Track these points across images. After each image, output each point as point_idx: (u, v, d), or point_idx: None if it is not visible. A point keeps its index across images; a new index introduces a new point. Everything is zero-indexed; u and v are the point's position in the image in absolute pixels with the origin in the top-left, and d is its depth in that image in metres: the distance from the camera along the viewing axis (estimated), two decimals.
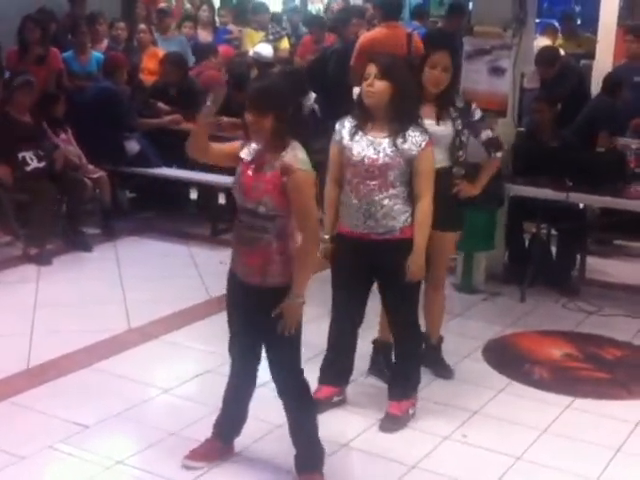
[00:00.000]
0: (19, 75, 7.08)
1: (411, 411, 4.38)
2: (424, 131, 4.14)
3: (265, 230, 3.53)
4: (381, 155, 4.08)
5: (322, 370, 4.52)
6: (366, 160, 4.10)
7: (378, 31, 7.81)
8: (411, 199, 4.14)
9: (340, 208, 4.25)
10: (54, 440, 4.06)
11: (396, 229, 4.13)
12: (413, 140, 4.07)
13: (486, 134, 4.71)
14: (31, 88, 6.93)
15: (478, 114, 4.69)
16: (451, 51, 4.66)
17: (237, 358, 3.83)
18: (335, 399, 4.48)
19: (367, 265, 4.23)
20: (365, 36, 7.81)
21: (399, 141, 4.07)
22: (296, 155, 3.50)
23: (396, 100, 4.05)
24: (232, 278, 3.75)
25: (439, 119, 4.50)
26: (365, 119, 4.17)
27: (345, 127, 4.21)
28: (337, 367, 4.51)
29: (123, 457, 3.97)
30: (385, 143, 4.09)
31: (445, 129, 4.52)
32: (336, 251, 4.26)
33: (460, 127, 4.56)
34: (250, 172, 3.59)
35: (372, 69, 4.09)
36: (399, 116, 4.08)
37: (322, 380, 4.48)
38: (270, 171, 3.52)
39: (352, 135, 4.16)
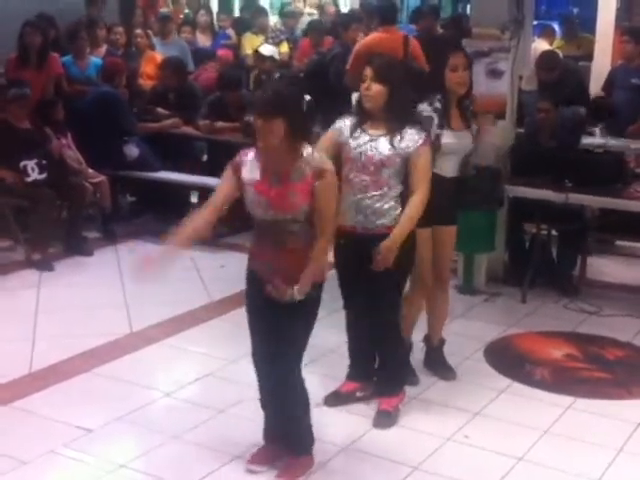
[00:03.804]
0: (15, 84, 7.08)
1: (400, 406, 4.42)
2: (421, 130, 4.18)
3: (294, 232, 3.56)
4: (378, 152, 4.12)
5: (348, 366, 4.62)
6: (363, 156, 4.15)
7: (375, 36, 7.86)
8: (403, 199, 4.17)
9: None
10: (57, 444, 4.07)
11: (385, 225, 4.15)
12: (410, 138, 4.11)
13: None
14: (26, 100, 6.93)
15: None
16: (464, 49, 4.81)
17: (261, 362, 3.79)
18: (358, 394, 4.53)
19: (357, 258, 4.23)
20: (361, 42, 7.87)
21: (396, 139, 4.11)
22: (322, 157, 3.57)
23: (392, 102, 4.11)
24: (255, 280, 3.72)
25: (467, 125, 4.63)
26: (364, 118, 4.22)
27: (345, 124, 4.25)
28: (357, 361, 4.57)
29: (126, 461, 3.97)
30: (383, 141, 4.13)
31: (469, 137, 4.65)
32: (335, 245, 4.28)
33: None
34: (270, 185, 3.55)
35: (368, 72, 4.15)
36: (396, 116, 4.13)
37: (347, 375, 4.60)
38: (300, 179, 3.51)
39: (352, 131, 4.21)
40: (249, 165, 3.62)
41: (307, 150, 3.55)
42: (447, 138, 4.52)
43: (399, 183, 4.15)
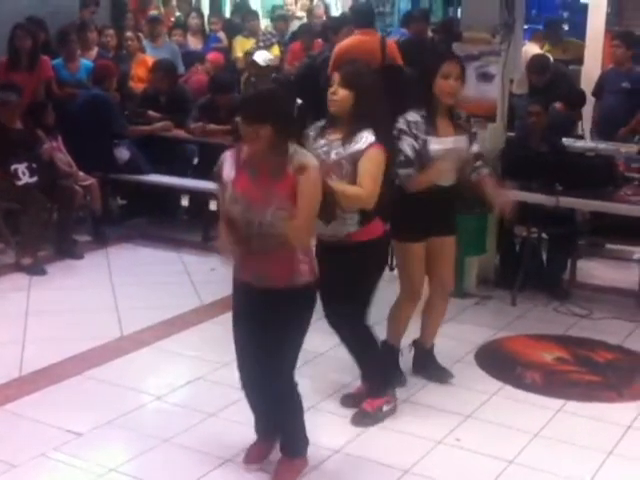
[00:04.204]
0: (4, 89, 7.06)
1: (385, 408, 4.41)
2: (373, 134, 4.08)
3: (275, 236, 3.51)
4: (329, 157, 4.10)
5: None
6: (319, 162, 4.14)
7: (352, 38, 7.92)
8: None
9: None
10: (47, 448, 4.05)
11: (343, 234, 4.10)
12: (360, 141, 4.06)
13: (477, 147, 4.73)
14: (11, 106, 6.91)
15: (473, 126, 4.79)
16: (460, 60, 4.66)
17: (247, 370, 3.79)
18: (385, 408, 4.45)
19: (322, 268, 4.07)
20: (340, 45, 7.92)
21: (348, 145, 4.07)
22: (305, 154, 3.55)
23: (358, 108, 4.10)
24: (241, 288, 3.70)
25: (456, 133, 4.56)
26: (330, 123, 4.22)
27: (313, 129, 4.26)
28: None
29: (116, 464, 3.96)
30: (336, 146, 4.11)
31: (462, 143, 4.59)
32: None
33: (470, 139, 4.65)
34: (250, 182, 3.53)
35: (336, 77, 4.19)
36: (359, 122, 4.09)
37: (361, 377, 4.59)
38: (281, 177, 3.49)
39: (315, 136, 4.21)
40: (227, 164, 3.62)
41: (293, 149, 3.54)
42: (435, 144, 4.47)
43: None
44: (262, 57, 8.90)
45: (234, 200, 3.56)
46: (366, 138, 4.07)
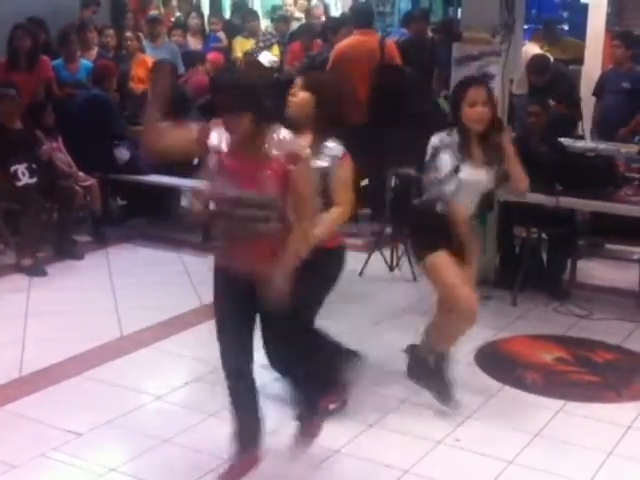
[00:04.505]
0: (2, 87, 7.08)
1: (331, 407, 4.38)
2: (340, 144, 4.08)
3: (268, 219, 3.48)
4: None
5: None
6: None
7: (351, 39, 7.98)
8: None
9: None
10: (47, 448, 4.06)
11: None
12: (329, 153, 4.03)
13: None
14: (10, 100, 6.91)
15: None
16: (487, 84, 4.44)
17: (234, 366, 3.73)
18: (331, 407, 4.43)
19: None
20: (339, 45, 7.95)
21: (316, 158, 3.99)
22: (297, 143, 3.52)
23: (317, 112, 4.09)
24: (227, 277, 3.62)
25: (488, 163, 4.35)
26: (295, 130, 4.09)
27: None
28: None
29: (116, 465, 3.97)
30: None
31: (488, 175, 4.39)
32: None
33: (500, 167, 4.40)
34: (240, 160, 3.47)
35: (299, 81, 4.19)
36: (319, 129, 4.06)
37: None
38: (271, 161, 3.44)
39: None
40: (218, 133, 3.53)
41: (281, 133, 3.50)
42: (465, 172, 4.26)
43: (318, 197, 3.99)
44: (267, 58, 8.96)
45: (221, 174, 3.50)
46: (335, 150, 4.04)
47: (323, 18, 12.00)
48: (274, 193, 3.45)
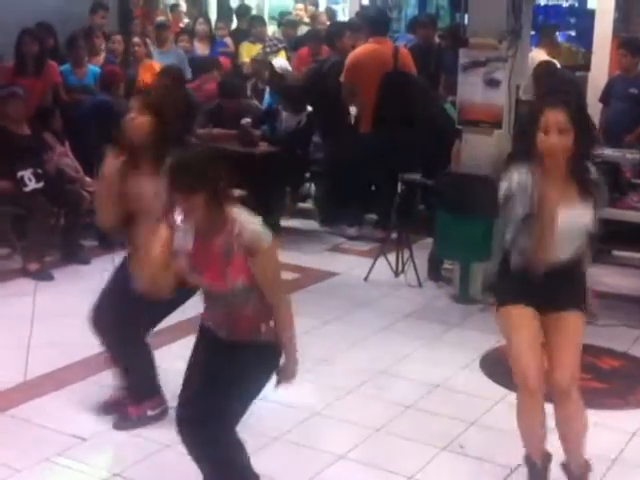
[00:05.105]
0: (6, 88, 7.11)
1: (150, 413, 4.39)
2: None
3: (246, 301, 3.39)
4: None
5: None
6: None
7: (365, 47, 7.99)
8: None
9: None
10: (51, 453, 4.07)
11: None
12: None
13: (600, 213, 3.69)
14: (18, 99, 6.94)
15: (605, 189, 3.68)
16: (569, 105, 3.53)
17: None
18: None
19: None
20: (353, 53, 7.97)
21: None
22: (254, 230, 3.29)
23: (155, 135, 4.08)
24: (206, 336, 3.61)
25: (573, 201, 3.53)
26: (132, 156, 4.14)
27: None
28: None
29: (120, 469, 3.97)
30: (145, 181, 4.08)
31: (577, 217, 3.55)
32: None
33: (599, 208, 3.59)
34: (200, 253, 3.34)
35: (135, 104, 4.18)
36: (160, 150, 3.96)
37: None
38: (231, 255, 3.29)
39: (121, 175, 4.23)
40: (181, 231, 3.37)
41: (236, 217, 3.31)
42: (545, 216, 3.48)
43: None
44: (279, 64, 8.97)
45: (191, 272, 3.41)
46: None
47: (328, 23, 12.02)
48: (243, 283, 3.33)
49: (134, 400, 4.42)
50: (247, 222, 3.31)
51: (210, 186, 3.24)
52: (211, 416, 3.35)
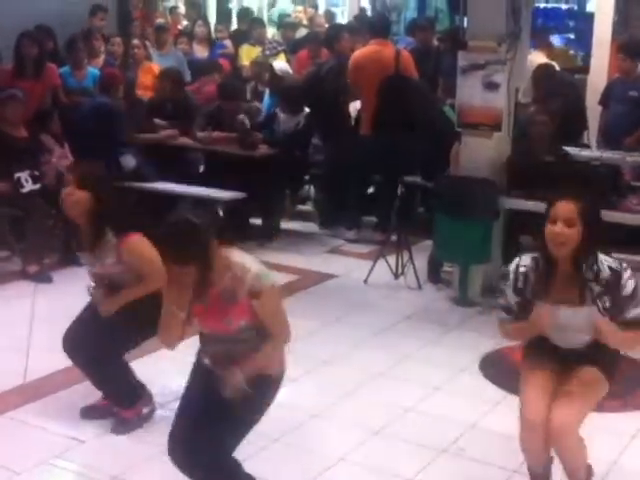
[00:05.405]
0: (5, 91, 7.11)
1: (140, 415, 4.42)
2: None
3: (248, 340, 3.39)
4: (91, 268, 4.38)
5: None
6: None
7: (367, 48, 8.02)
8: None
9: None
10: (50, 455, 4.06)
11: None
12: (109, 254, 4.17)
13: (635, 312, 3.51)
14: (17, 102, 6.94)
15: (631, 286, 3.53)
16: (581, 198, 3.48)
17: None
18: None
19: None
20: (355, 54, 8.00)
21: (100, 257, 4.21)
22: (255, 272, 3.26)
23: (95, 210, 4.11)
24: (204, 370, 3.58)
25: (581, 301, 3.46)
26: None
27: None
28: None
29: (119, 472, 3.96)
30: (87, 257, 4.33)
31: (580, 318, 3.49)
32: None
33: (606, 305, 3.49)
34: (202, 307, 3.34)
35: (71, 179, 4.19)
36: (100, 225, 4.11)
37: None
38: (233, 300, 3.28)
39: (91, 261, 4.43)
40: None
41: (238, 263, 3.28)
42: (553, 316, 3.48)
43: None
44: (280, 66, 8.99)
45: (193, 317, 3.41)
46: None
47: (327, 26, 12.03)
48: (242, 325, 3.34)
49: (126, 406, 4.40)
50: (246, 265, 3.28)
51: (197, 257, 3.19)
52: (206, 446, 3.36)
